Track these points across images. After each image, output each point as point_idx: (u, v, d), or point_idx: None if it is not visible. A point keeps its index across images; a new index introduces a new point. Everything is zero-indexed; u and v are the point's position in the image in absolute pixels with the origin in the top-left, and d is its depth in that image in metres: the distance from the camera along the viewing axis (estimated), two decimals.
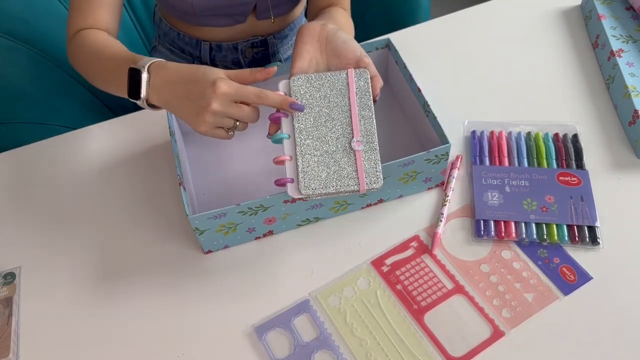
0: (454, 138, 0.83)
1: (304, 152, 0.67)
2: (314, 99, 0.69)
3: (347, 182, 0.66)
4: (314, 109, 0.69)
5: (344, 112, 0.69)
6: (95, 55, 0.77)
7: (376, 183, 0.66)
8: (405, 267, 0.71)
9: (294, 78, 0.70)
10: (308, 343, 0.66)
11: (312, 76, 0.70)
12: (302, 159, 0.67)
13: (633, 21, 0.92)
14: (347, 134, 0.68)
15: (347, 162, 0.67)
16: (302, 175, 0.66)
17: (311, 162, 0.67)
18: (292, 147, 0.68)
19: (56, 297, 0.72)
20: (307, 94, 0.69)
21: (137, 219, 0.79)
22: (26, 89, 1.01)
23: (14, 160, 0.87)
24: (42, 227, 0.79)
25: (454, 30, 0.99)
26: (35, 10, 1.00)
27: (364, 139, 0.67)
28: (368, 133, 0.68)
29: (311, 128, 0.68)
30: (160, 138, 0.87)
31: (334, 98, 0.69)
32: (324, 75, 0.70)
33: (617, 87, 0.85)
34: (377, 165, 0.66)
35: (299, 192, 0.66)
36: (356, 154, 0.67)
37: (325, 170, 0.66)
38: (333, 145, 0.67)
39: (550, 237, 0.71)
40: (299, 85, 0.70)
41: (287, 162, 0.67)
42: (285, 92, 0.70)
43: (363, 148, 0.67)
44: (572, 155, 0.79)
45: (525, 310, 0.67)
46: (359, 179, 0.66)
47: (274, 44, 0.98)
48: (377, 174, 0.66)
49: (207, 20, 0.90)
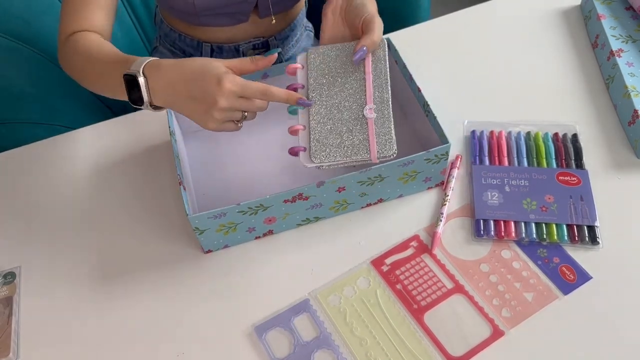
0: (454, 138, 0.83)
1: (317, 121, 0.68)
2: (330, 69, 0.71)
3: (358, 150, 0.66)
4: (329, 78, 0.70)
5: (358, 80, 0.70)
6: (87, 59, 0.75)
7: (388, 151, 0.66)
8: (405, 266, 0.71)
9: (311, 50, 0.73)
10: (308, 342, 0.66)
11: (329, 47, 0.72)
12: (314, 128, 0.68)
13: (633, 21, 0.92)
14: (360, 103, 0.69)
15: (359, 130, 0.67)
16: (314, 144, 0.67)
17: (323, 131, 0.67)
18: (306, 117, 0.69)
19: (56, 297, 0.73)
20: (323, 64, 0.71)
21: (137, 219, 0.79)
22: (26, 89, 1.01)
23: (14, 160, 0.87)
24: (42, 227, 0.79)
25: (454, 30, 0.99)
26: (35, 10, 1.00)
27: (377, 107, 0.68)
28: (382, 101, 0.68)
29: (326, 97, 0.69)
30: (160, 138, 0.87)
31: (349, 67, 0.70)
32: (341, 45, 0.72)
33: (616, 87, 0.85)
34: (390, 134, 0.66)
35: (311, 161, 0.67)
36: (368, 122, 0.67)
37: (338, 138, 0.67)
38: (346, 114, 0.68)
39: (550, 237, 0.71)
40: (315, 57, 0.72)
41: (300, 131, 0.69)
42: (302, 64, 0.73)
43: (375, 116, 0.67)
44: (572, 155, 0.79)
45: (524, 310, 0.67)
46: (370, 148, 0.66)
47: (275, 45, 0.98)
48: (389, 143, 0.66)
49: (209, 20, 0.90)
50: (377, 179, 0.72)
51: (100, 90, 0.77)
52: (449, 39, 0.97)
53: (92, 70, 0.75)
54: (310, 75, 0.72)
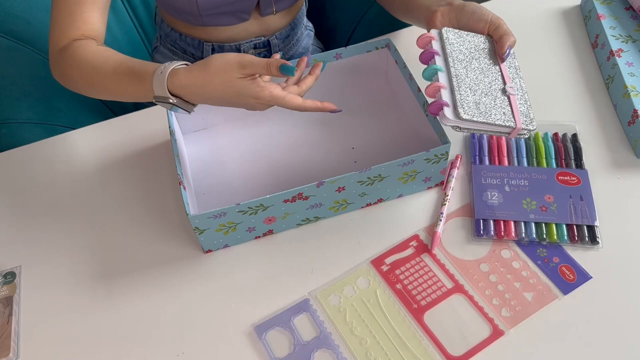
0: (454, 138, 0.83)
1: (459, 81, 0.68)
2: (465, 49, 0.72)
3: (504, 117, 0.67)
4: (466, 55, 0.71)
5: (494, 64, 0.72)
6: (95, 72, 0.73)
7: (531, 125, 0.67)
8: (404, 266, 0.71)
9: (446, 29, 0.73)
10: (308, 342, 0.67)
11: (463, 32, 0.74)
12: (459, 86, 0.68)
13: (632, 21, 0.92)
14: (499, 81, 0.70)
15: (502, 101, 0.68)
16: (460, 100, 0.66)
17: (468, 91, 0.68)
18: (446, 79, 0.69)
19: (56, 297, 0.73)
20: (459, 42, 0.72)
21: (137, 219, 0.79)
22: (26, 89, 1.01)
23: (14, 160, 0.87)
24: (42, 227, 0.79)
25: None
26: (35, 10, 1.01)
27: (515, 86, 0.70)
28: (520, 87, 0.70)
29: (466, 67, 0.70)
30: (160, 138, 0.87)
31: (483, 53, 0.72)
32: (472, 34, 0.74)
33: (616, 86, 0.85)
34: (531, 111, 0.69)
35: (457, 116, 0.65)
36: (510, 97, 0.68)
37: (482, 102, 0.67)
38: (487, 86, 0.69)
39: (550, 237, 0.71)
40: (450, 34, 0.73)
41: (442, 89, 0.68)
42: (436, 38, 0.73)
43: (517, 94, 0.69)
44: (572, 154, 0.79)
45: (524, 310, 0.67)
46: (515, 118, 0.67)
47: (276, 44, 0.98)
48: (532, 118, 0.68)
49: (211, 19, 0.90)
50: (377, 179, 0.72)
51: (113, 98, 0.76)
52: None
53: (103, 83, 0.74)
54: (448, 47, 0.72)
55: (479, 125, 0.66)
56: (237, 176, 0.81)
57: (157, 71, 0.68)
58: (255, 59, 0.66)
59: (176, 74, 0.67)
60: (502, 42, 0.72)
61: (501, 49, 0.72)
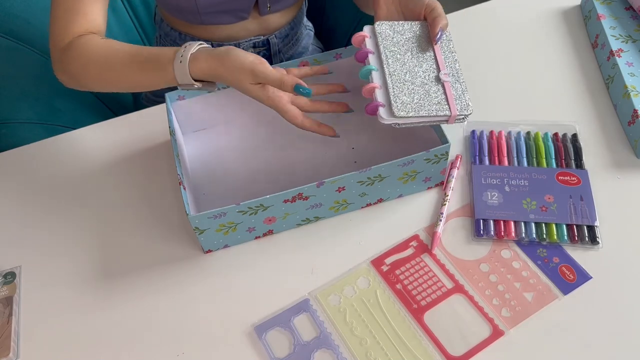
0: (454, 138, 0.83)
1: (393, 79, 0.70)
2: (399, 40, 0.73)
3: (438, 107, 0.68)
4: (400, 47, 0.73)
5: (427, 52, 0.72)
6: (106, 66, 0.75)
7: (466, 110, 0.69)
8: (405, 266, 0.71)
9: (378, 23, 0.74)
10: (308, 342, 0.67)
11: (396, 23, 0.75)
12: (392, 84, 0.69)
13: (632, 21, 0.92)
14: (433, 69, 0.71)
15: (436, 90, 0.70)
16: (393, 99, 0.68)
17: (402, 88, 0.69)
18: (380, 78, 0.71)
19: (56, 297, 0.73)
20: (390, 35, 0.73)
21: (137, 219, 0.79)
22: (26, 89, 1.01)
23: (14, 160, 0.87)
24: (42, 227, 0.79)
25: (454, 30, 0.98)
26: (35, 9, 1.00)
27: (450, 72, 0.71)
28: (454, 70, 0.71)
29: (399, 63, 0.72)
30: (160, 138, 0.87)
31: (417, 42, 0.73)
32: (406, 23, 0.75)
33: (616, 86, 0.85)
34: (466, 95, 0.70)
35: (392, 115, 0.68)
36: (444, 84, 0.70)
37: (416, 96, 0.69)
38: (422, 76, 0.70)
39: (550, 237, 0.71)
40: (383, 28, 0.74)
41: (377, 89, 0.70)
42: (369, 34, 0.74)
43: (451, 79, 0.70)
44: (572, 154, 0.79)
45: (524, 310, 0.67)
46: (449, 105, 0.68)
47: (275, 43, 0.98)
48: (467, 102, 0.69)
49: (210, 18, 0.90)
50: (377, 179, 0.72)
51: (126, 90, 0.79)
52: None
53: (116, 77, 0.75)
54: (380, 43, 0.73)
55: (416, 119, 0.68)
56: (237, 176, 0.81)
57: (176, 60, 0.70)
58: (269, 71, 0.68)
59: (196, 60, 0.70)
60: (434, 24, 0.73)
61: (433, 32, 0.73)
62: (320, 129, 0.73)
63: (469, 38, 0.97)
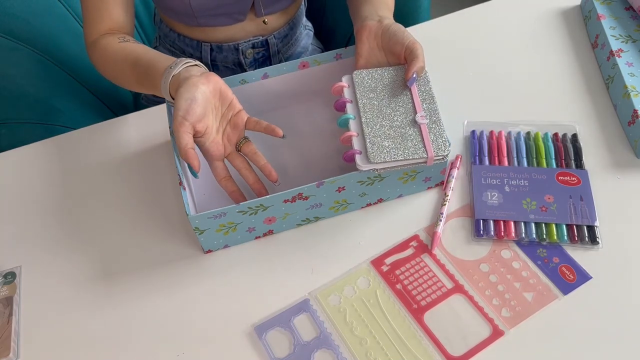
0: (454, 138, 0.83)
1: (370, 126, 0.71)
2: (376, 88, 0.74)
3: (415, 151, 0.69)
4: (377, 94, 0.74)
5: (405, 96, 0.73)
6: (121, 70, 0.80)
7: (443, 150, 0.69)
8: (405, 266, 0.71)
9: (356, 72, 0.76)
10: (308, 342, 0.67)
11: (373, 70, 0.76)
12: (369, 132, 0.71)
13: (632, 21, 0.92)
14: (410, 112, 0.72)
15: (413, 134, 0.70)
16: (370, 146, 0.69)
17: (378, 134, 0.70)
18: (358, 126, 0.72)
19: (56, 297, 0.73)
20: (367, 83, 0.75)
21: (137, 219, 0.79)
22: (26, 89, 1.01)
23: (14, 160, 0.87)
24: (42, 227, 0.79)
25: (454, 30, 0.99)
26: (35, 9, 1.00)
27: (427, 114, 0.71)
28: (431, 110, 0.72)
29: (376, 109, 0.73)
30: (160, 138, 0.87)
31: (395, 87, 0.74)
32: (384, 69, 0.76)
33: (616, 87, 0.85)
34: (443, 135, 0.70)
35: (369, 162, 0.69)
36: (421, 126, 0.70)
37: (392, 141, 0.70)
38: (398, 121, 0.71)
39: (550, 237, 0.71)
40: (361, 78, 0.76)
41: (354, 137, 0.71)
42: (348, 84, 0.76)
43: (427, 121, 0.71)
44: (572, 155, 0.79)
45: (524, 310, 0.67)
46: (426, 148, 0.69)
47: (274, 43, 0.98)
48: (444, 143, 0.69)
49: (207, 20, 0.90)
50: (376, 179, 0.72)
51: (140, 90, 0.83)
52: (449, 39, 0.97)
53: (127, 81, 0.82)
54: (357, 92, 0.75)
55: (393, 164, 0.69)
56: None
57: (162, 81, 0.72)
58: (179, 135, 0.67)
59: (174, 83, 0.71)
60: (409, 68, 0.74)
61: (406, 75, 0.74)
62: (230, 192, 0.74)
63: (469, 38, 0.97)
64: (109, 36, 0.83)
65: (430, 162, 0.69)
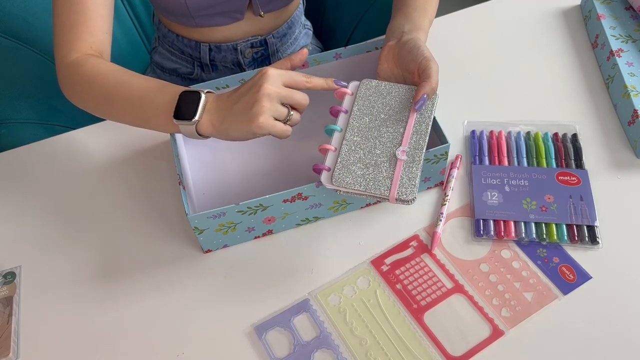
0: (454, 138, 0.83)
1: (348, 147, 0.69)
2: (376, 103, 0.71)
3: (379, 186, 0.66)
4: (372, 112, 0.71)
5: (400, 122, 0.70)
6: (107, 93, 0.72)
7: (408, 195, 0.64)
8: (404, 266, 0.71)
9: (365, 81, 0.73)
10: (308, 342, 0.67)
11: (383, 84, 0.73)
12: (344, 152, 0.68)
13: (632, 21, 0.92)
14: (396, 142, 0.68)
15: (387, 168, 0.67)
16: (338, 168, 0.67)
17: (351, 157, 0.68)
18: (339, 140, 0.70)
19: (56, 297, 0.73)
20: (371, 97, 0.72)
21: (136, 219, 0.79)
22: (26, 89, 1.01)
23: (14, 160, 0.87)
24: (42, 227, 0.79)
25: (454, 30, 0.99)
26: (35, 9, 1.00)
27: (410, 151, 0.67)
28: (417, 147, 0.68)
29: (364, 128, 0.70)
30: (160, 138, 0.87)
31: (396, 107, 0.71)
32: (394, 85, 0.73)
33: (616, 86, 0.85)
34: (415, 180, 0.65)
35: (331, 183, 0.67)
36: (397, 162, 0.67)
37: (363, 169, 0.67)
38: (379, 149, 0.68)
39: (550, 237, 0.71)
40: (367, 88, 0.73)
41: (330, 151, 0.69)
42: (353, 91, 0.73)
43: (406, 159, 0.67)
44: (572, 154, 0.79)
45: (524, 310, 0.67)
46: (391, 186, 0.65)
47: (273, 43, 0.98)
48: (411, 187, 0.65)
49: (204, 20, 0.90)
50: None
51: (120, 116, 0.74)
52: (449, 39, 0.97)
53: (115, 100, 0.72)
54: (356, 104, 0.72)
55: (354, 191, 0.66)
56: (237, 176, 0.81)
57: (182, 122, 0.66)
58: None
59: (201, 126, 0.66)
60: (419, 88, 0.69)
61: (415, 97, 0.69)
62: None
63: (469, 38, 0.97)
64: (91, 62, 0.74)
65: (393, 201, 0.65)
